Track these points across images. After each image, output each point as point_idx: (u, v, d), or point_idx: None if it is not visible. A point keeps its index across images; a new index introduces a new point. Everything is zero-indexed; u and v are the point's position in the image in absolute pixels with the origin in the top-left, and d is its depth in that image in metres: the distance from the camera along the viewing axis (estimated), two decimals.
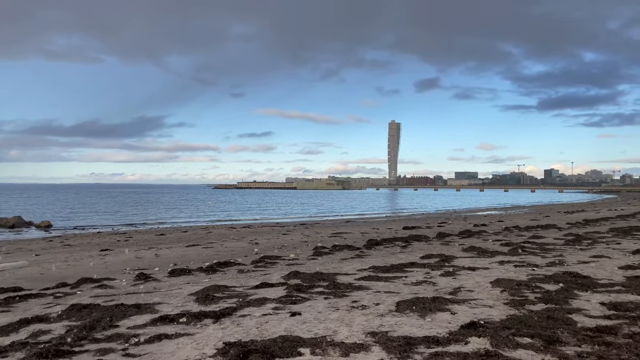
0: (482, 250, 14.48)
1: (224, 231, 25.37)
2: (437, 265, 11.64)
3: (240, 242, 18.85)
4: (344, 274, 10.47)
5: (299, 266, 12.14)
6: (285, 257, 14.19)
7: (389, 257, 13.50)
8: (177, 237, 22.07)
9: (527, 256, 13.17)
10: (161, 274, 11.45)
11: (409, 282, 9.48)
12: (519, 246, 15.36)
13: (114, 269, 12.41)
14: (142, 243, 19.44)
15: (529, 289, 8.50)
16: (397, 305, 7.22)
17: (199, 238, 21.24)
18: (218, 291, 8.70)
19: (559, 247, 15.48)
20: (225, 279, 10.37)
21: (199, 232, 25.00)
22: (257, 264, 12.75)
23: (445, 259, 12.71)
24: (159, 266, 12.66)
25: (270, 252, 15.61)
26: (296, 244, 17.98)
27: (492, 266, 11.39)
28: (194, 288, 9.15)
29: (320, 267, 11.69)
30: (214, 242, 18.70)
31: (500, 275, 9.94)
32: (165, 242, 19.91)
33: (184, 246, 17.37)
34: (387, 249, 16.08)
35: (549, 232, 21.96)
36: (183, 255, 14.85)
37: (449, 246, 16.37)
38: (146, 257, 14.31)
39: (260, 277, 10.39)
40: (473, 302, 7.47)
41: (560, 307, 7.14)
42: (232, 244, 17.81)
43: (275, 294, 8.30)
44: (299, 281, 9.68)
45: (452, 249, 15.44)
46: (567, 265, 11.45)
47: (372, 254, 14.69)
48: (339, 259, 13.38)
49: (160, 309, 7.39)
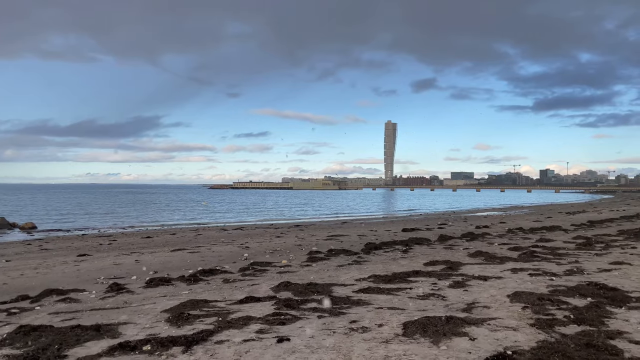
0: (490, 256, 13.39)
1: (215, 233, 24.18)
2: (443, 273, 10.52)
3: (229, 245, 17.68)
4: (341, 285, 9.35)
5: (291, 274, 11.01)
6: (277, 263, 13.06)
7: (390, 264, 12.38)
8: (164, 240, 20.87)
9: (540, 263, 12.09)
10: (137, 284, 10.29)
11: (414, 295, 8.36)
12: (528, 251, 14.28)
13: (86, 277, 11.23)
14: (125, 247, 18.24)
15: (553, 305, 7.39)
16: (404, 328, 6.10)
17: (187, 241, 20.06)
18: (196, 307, 7.55)
19: (572, 251, 14.41)
20: (207, 291, 9.22)
21: (188, 234, 23.81)
22: (245, 272, 11.60)
23: (452, 266, 11.60)
24: (137, 274, 11.49)
25: (261, 257, 14.47)
26: (289, 247, 16.84)
27: (504, 275, 10.29)
28: (169, 303, 8.00)
29: (315, 276, 10.56)
30: (201, 246, 17.54)
31: (517, 287, 8.84)
32: (151, 245, 18.72)
33: (169, 250, 16.20)
34: (387, 253, 14.97)
35: (556, 234, 20.92)
36: (166, 261, 13.68)
37: (453, 251, 15.28)
38: (125, 264, 13.14)
39: (246, 289, 9.25)
40: (493, 323, 6.35)
41: (597, 330, 6.04)
42: (220, 248, 16.65)
43: (261, 311, 7.16)
44: (290, 294, 8.54)
45: (457, 254, 14.34)
46: (587, 273, 10.37)
47: (371, 259, 13.58)
48: (335, 266, 12.25)
49: (123, 332, 6.24)
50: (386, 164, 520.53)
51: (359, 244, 17.86)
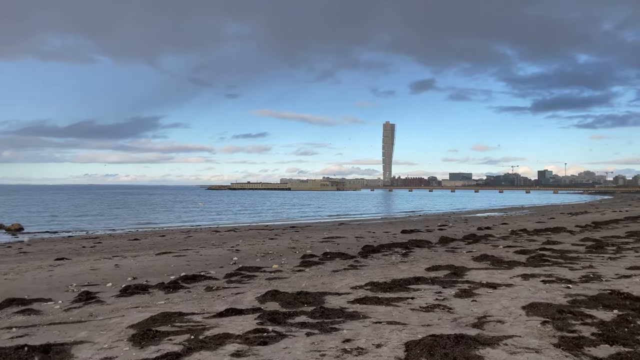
0: (497, 260, 12.47)
1: (206, 235, 23.21)
2: (448, 280, 9.59)
3: (219, 248, 16.73)
4: (335, 294, 8.42)
5: (281, 281, 10.07)
6: (267, 268, 12.11)
7: (389, 269, 11.45)
8: (151, 242, 19.90)
9: (552, 268, 11.17)
10: (110, 292, 9.33)
11: (416, 305, 7.43)
12: (537, 254, 13.36)
13: (57, 284, 10.27)
14: (108, 250, 17.27)
15: (576, 319, 6.47)
16: (407, 350, 5.17)
17: (176, 244, 19.10)
18: (167, 321, 6.61)
19: (583, 255, 13.50)
20: (185, 301, 8.28)
21: (178, 236, 22.84)
22: (232, 278, 10.65)
23: (456, 271, 10.68)
24: (114, 281, 10.53)
25: (251, 261, 13.52)
26: (282, 251, 15.89)
27: (515, 282, 9.36)
28: (139, 316, 7.06)
29: (307, 283, 9.63)
30: (189, 249, 16.58)
31: (531, 296, 7.92)
32: (136, 248, 17.75)
33: (154, 254, 15.24)
34: (386, 257, 14.04)
35: (562, 236, 20.02)
36: (148, 265, 12.73)
37: (456, 254, 14.35)
38: (103, 269, 12.17)
39: (230, 298, 8.31)
40: (511, 343, 5.42)
41: (633, 351, 5.12)
42: (209, 251, 15.70)
43: (242, 327, 6.23)
44: (277, 305, 7.61)
45: (460, 257, 13.42)
46: (605, 280, 9.45)
47: (368, 263, 12.64)
48: (330, 271, 11.32)
49: (75, 354, 5.31)
50: (384, 164, 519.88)
51: (356, 246, 16.93)
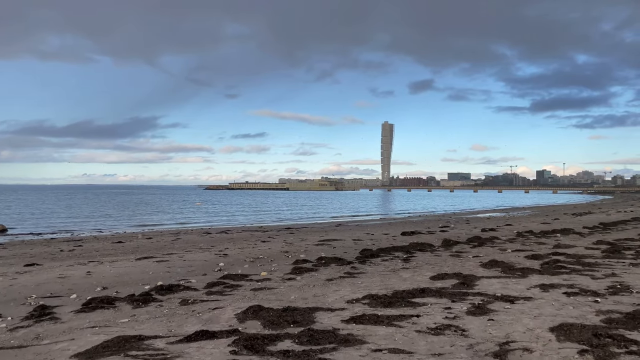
0: (508, 266, 11.32)
1: (196, 237, 22.01)
2: (457, 292, 8.43)
3: (206, 252, 15.54)
4: (327, 309, 7.25)
5: (267, 292, 8.90)
6: (255, 275, 10.95)
7: (389, 277, 10.29)
8: (135, 245, 18.70)
9: (570, 276, 10.02)
10: (71, 306, 8.15)
11: (423, 326, 6.27)
12: (551, 260, 12.21)
13: (15, 296, 9.09)
14: (87, 254, 16.08)
15: (619, 345, 5.33)
16: None
17: (161, 247, 17.90)
18: (121, 349, 5.45)
19: (601, 260, 12.36)
20: (153, 319, 7.10)
21: (166, 238, 21.62)
22: (213, 289, 9.48)
23: (465, 280, 9.52)
24: (80, 292, 9.36)
25: (239, 267, 12.36)
26: (274, 255, 14.72)
27: (534, 294, 8.21)
28: (91, 340, 5.89)
29: (296, 295, 8.47)
30: (174, 253, 15.39)
31: (556, 313, 6.77)
32: (117, 252, 16.56)
33: (134, 259, 14.05)
34: (386, 262, 12.88)
35: (571, 238, 18.89)
36: (124, 273, 11.54)
37: (462, 259, 13.20)
38: (72, 277, 10.99)
39: (205, 315, 7.14)
40: None
41: None
42: (194, 256, 14.51)
43: (210, 358, 5.06)
44: (258, 325, 6.45)
45: (467, 263, 12.26)
46: (636, 291, 8.30)
47: (367, 270, 11.47)
48: (324, 280, 10.15)
49: None
50: (383, 164, 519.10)
51: (353, 250, 15.77)
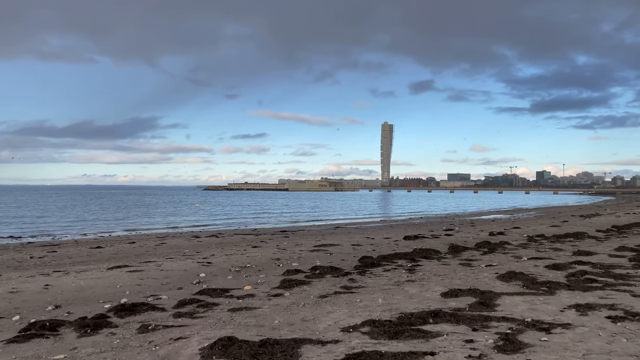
0: (529, 279, 9.83)
1: (183, 242, 20.49)
2: (476, 316, 6.94)
3: (188, 260, 14.04)
4: (317, 342, 5.77)
5: (247, 314, 7.42)
6: (237, 290, 9.47)
7: (394, 293, 8.81)
8: (114, 251, 17.19)
9: (605, 292, 8.54)
10: (6, 333, 6.67)
11: None
12: (577, 271, 10.71)
13: None
14: (56, 262, 14.56)
15: None
16: None
17: (142, 253, 16.40)
18: None
19: (632, 271, 10.88)
20: (97, 353, 5.62)
21: (151, 243, 20.10)
22: (184, 308, 7.99)
23: (483, 299, 8.04)
24: (26, 312, 7.87)
25: (221, 278, 10.87)
26: (263, 263, 13.23)
27: (571, 319, 6.72)
28: None
29: (281, 320, 6.98)
30: (152, 261, 13.88)
31: (609, 349, 5.29)
32: (91, 259, 15.06)
33: (106, 268, 12.55)
34: (388, 273, 11.38)
35: (588, 243, 17.42)
36: (87, 286, 10.04)
37: (474, 268, 11.70)
38: (26, 292, 9.49)
39: (163, 349, 5.65)
40: None
41: None
42: (174, 265, 13.01)
43: None
44: None
45: (481, 274, 10.77)
46: None
47: (366, 283, 9.98)
48: (316, 297, 8.66)
49: None
50: (383, 165, 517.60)
51: (351, 257, 14.29)
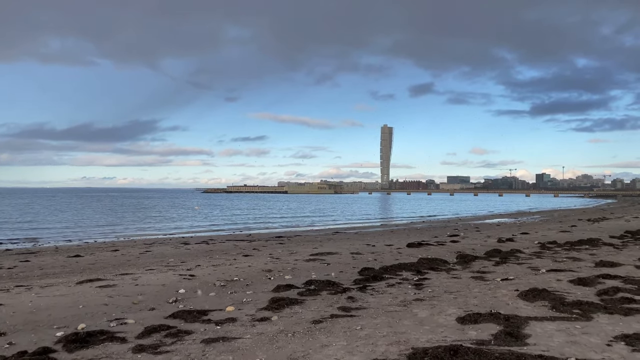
0: (556, 298, 8.51)
1: (169, 249, 19.13)
2: (506, 354, 5.60)
3: (170, 272, 12.68)
4: None
5: (223, 347, 6.08)
6: (218, 312, 8.13)
7: (400, 317, 7.47)
8: (92, 260, 15.82)
9: None
10: None
11: None
12: (607, 288, 9.38)
13: None
14: (23, 274, 13.18)
15: None
16: None
17: (122, 263, 15.04)
18: None
19: None
20: None
21: (134, 251, 18.71)
22: (148, 338, 6.64)
23: (509, 326, 6.72)
24: None
25: (203, 295, 9.54)
26: (252, 276, 11.89)
27: (625, 356, 5.39)
28: None
29: (264, 357, 5.64)
30: (130, 273, 12.51)
31: None
32: (63, 271, 13.68)
33: (76, 282, 11.18)
34: (392, 288, 10.04)
35: (606, 251, 16.11)
36: (46, 306, 8.69)
37: (489, 283, 10.36)
38: None
39: None
40: None
41: None
42: (152, 278, 11.65)
43: None
44: None
45: (499, 291, 9.43)
46: None
47: (368, 302, 8.65)
48: (309, 322, 7.32)
49: None
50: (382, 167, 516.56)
51: (351, 268, 12.95)
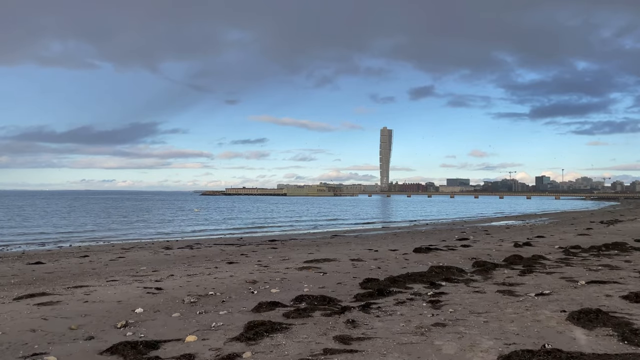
0: (620, 324, 6.49)
1: (146, 255, 17.05)
2: None
3: (135, 283, 10.59)
4: None
5: None
6: (175, 342, 6.10)
7: (419, 354, 5.44)
8: (50, 269, 13.73)
9: None
10: None
11: None
12: None
13: None
14: None
15: None
16: None
17: (82, 273, 12.96)
18: None
19: None
20: None
21: (105, 257, 16.62)
22: None
23: None
24: None
25: (162, 317, 7.48)
26: (232, 289, 9.83)
27: None
28: None
29: None
30: (85, 285, 10.42)
31: None
32: (10, 283, 11.54)
33: (14, 298, 9.11)
34: (403, 308, 7.99)
35: (638, 257, 14.08)
36: None
37: (522, 299, 8.30)
38: None
39: None
40: None
41: None
42: (109, 292, 9.56)
43: None
44: None
45: (539, 311, 7.38)
46: None
47: (374, 330, 6.60)
48: (295, 357, 5.27)
49: None
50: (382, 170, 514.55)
51: (351, 279, 10.91)
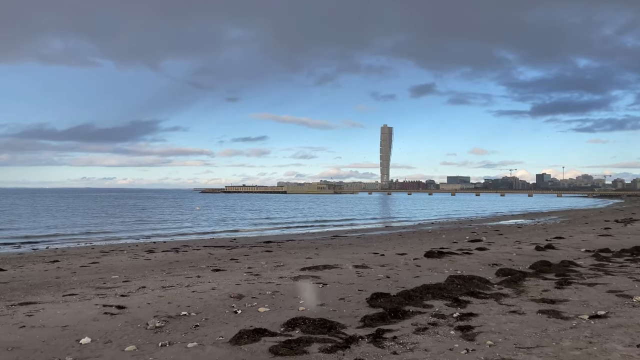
0: None
1: (123, 260, 15.21)
2: None
3: (95, 298, 8.76)
4: None
5: None
6: None
7: None
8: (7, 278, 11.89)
9: None
10: None
11: None
12: None
13: None
14: None
15: None
16: None
17: (41, 283, 11.11)
18: None
19: None
20: None
21: (77, 262, 14.77)
22: None
23: None
24: None
25: (112, 351, 5.66)
26: (211, 307, 8.01)
27: None
28: None
29: None
30: (31, 303, 8.58)
31: None
32: None
33: None
34: (426, 337, 6.18)
35: None
36: None
37: (574, 324, 6.51)
38: None
39: None
40: None
41: None
42: (57, 311, 7.73)
43: None
44: None
45: (608, 346, 5.57)
46: None
47: None
48: None
49: None
50: (382, 168, 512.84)
51: (355, 293, 9.09)
